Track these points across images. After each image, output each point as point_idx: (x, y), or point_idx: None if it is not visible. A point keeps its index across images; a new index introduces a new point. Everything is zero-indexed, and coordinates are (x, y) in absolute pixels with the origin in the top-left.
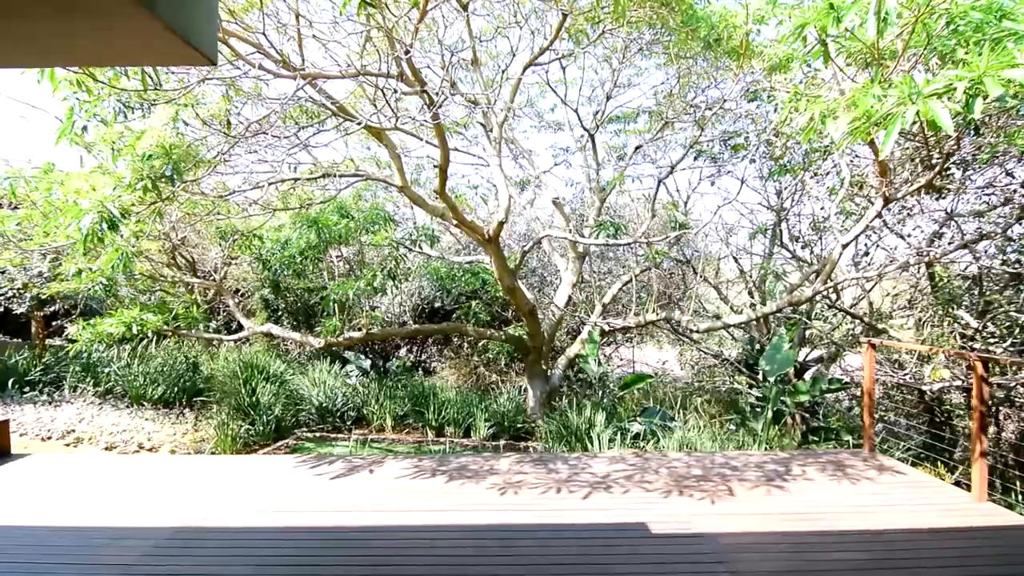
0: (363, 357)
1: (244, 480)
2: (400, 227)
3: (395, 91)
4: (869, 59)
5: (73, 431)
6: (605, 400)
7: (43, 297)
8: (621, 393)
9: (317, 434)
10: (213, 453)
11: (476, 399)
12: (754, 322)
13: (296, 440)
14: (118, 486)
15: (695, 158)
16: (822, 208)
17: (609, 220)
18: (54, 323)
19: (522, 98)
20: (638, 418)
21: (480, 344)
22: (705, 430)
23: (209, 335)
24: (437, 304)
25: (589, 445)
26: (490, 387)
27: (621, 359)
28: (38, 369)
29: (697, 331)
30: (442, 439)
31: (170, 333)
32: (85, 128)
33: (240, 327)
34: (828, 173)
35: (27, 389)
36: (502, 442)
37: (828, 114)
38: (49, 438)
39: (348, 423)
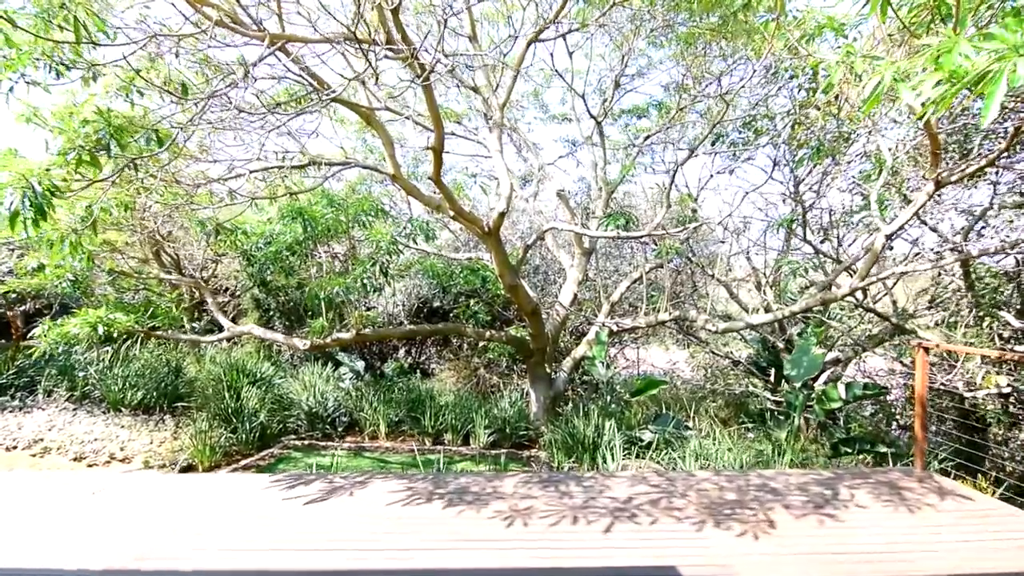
0: (357, 359)
1: (202, 505)
2: (396, 222)
3: (375, 47)
4: (933, 16)
5: (41, 440)
6: (613, 405)
7: (11, 295)
8: (631, 399)
9: (306, 442)
10: (188, 466)
11: (476, 404)
12: (777, 323)
13: (282, 450)
14: (53, 513)
15: (713, 143)
16: (852, 198)
17: (619, 211)
18: (36, 322)
19: (527, 87)
20: (650, 426)
21: (480, 345)
22: (723, 439)
23: (187, 336)
24: (436, 304)
25: (599, 457)
26: (491, 390)
27: (626, 360)
28: (10, 372)
29: (716, 331)
30: (439, 447)
31: (143, 334)
32: (12, 89)
33: (221, 328)
34: (852, 161)
35: None
36: (503, 451)
37: (900, 78)
38: (15, 447)
39: (339, 430)
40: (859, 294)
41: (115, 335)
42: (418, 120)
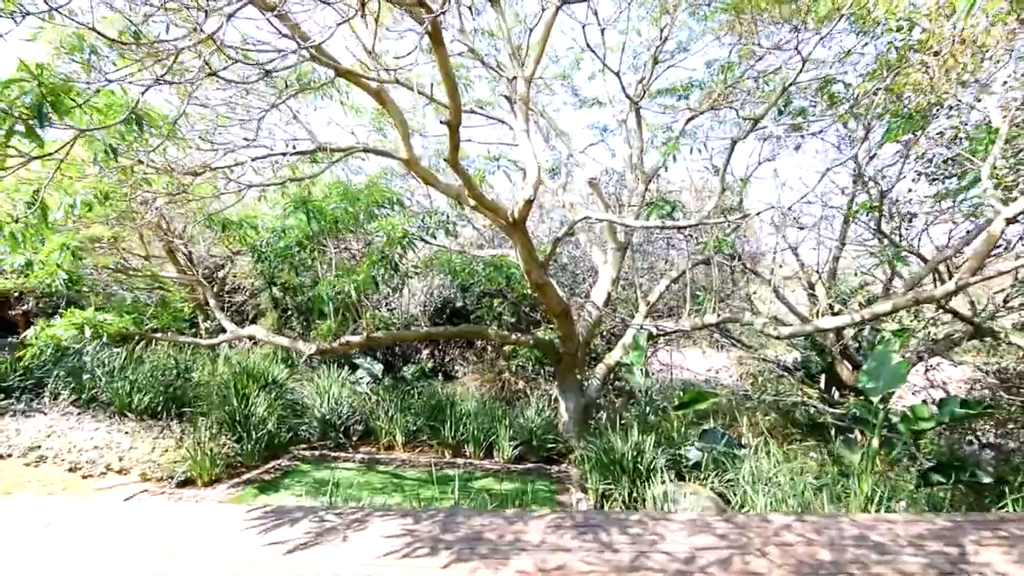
0: (375, 362)
1: (162, 550)
2: (414, 216)
3: None
4: None
5: (39, 447)
6: (651, 417)
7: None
8: (675, 412)
9: (317, 452)
10: (186, 479)
11: (500, 412)
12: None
13: (291, 461)
14: None
15: (781, 111)
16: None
17: (662, 199)
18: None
19: (555, 69)
20: (696, 442)
21: (506, 348)
22: (780, 459)
23: (186, 339)
24: (459, 304)
25: (639, 479)
26: (516, 396)
27: (660, 364)
28: (17, 374)
29: (778, 337)
30: (459, 460)
31: (141, 336)
32: None
33: (222, 329)
34: (944, 133)
35: (1, 396)
36: (530, 465)
37: None
38: (10, 455)
39: (354, 439)
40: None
41: (103, 336)
42: (433, 98)
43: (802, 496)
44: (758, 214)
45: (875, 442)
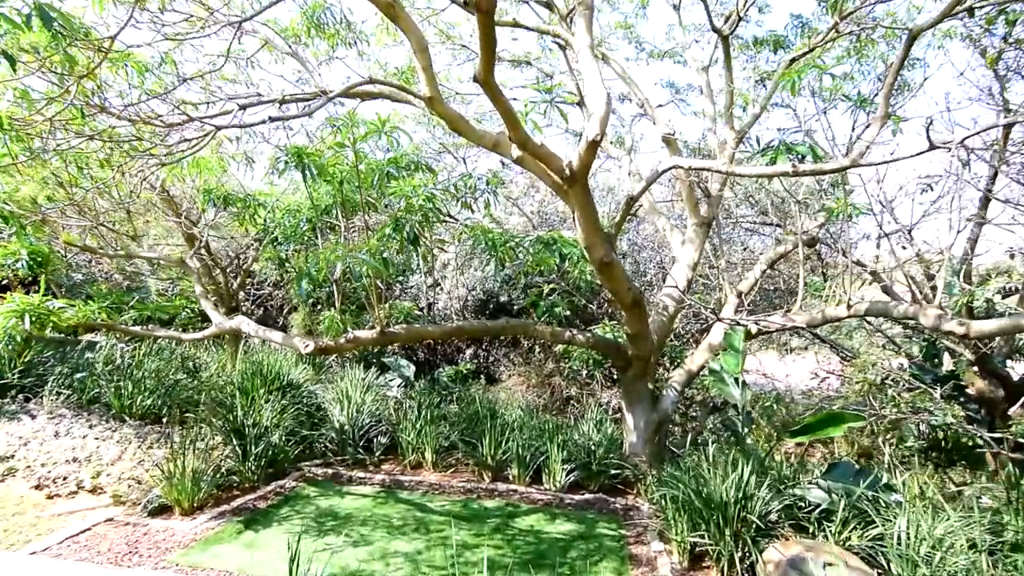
0: (408, 363)
1: None
2: (444, 185)
3: None
4: None
5: (11, 457)
6: (748, 440)
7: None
8: (794, 440)
9: (330, 470)
10: (161, 507)
11: (550, 426)
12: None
13: (297, 481)
14: None
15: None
16: None
17: (785, 145)
18: None
19: (615, 17)
20: (821, 479)
21: (556, 348)
22: (938, 506)
23: (165, 333)
24: (503, 299)
25: (748, 535)
26: (568, 404)
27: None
28: (16, 371)
29: (966, 337)
30: (500, 484)
31: (107, 328)
32: None
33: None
34: None
35: None
36: (588, 495)
37: None
38: None
39: (377, 454)
40: None
41: (47, 328)
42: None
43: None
44: (947, 145)
45: None
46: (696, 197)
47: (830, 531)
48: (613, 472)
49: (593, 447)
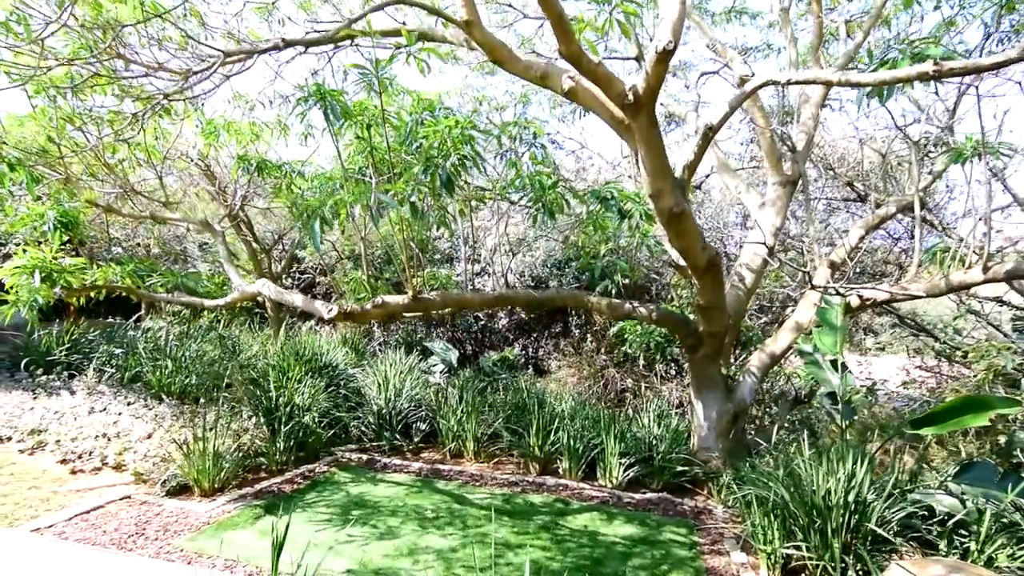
0: (452, 348)
1: None
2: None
3: None
4: None
5: (44, 431)
6: (849, 436)
7: None
8: (916, 431)
9: (365, 456)
10: (180, 486)
11: (606, 417)
12: None
13: (329, 465)
14: None
15: None
16: None
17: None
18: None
19: None
20: (952, 480)
21: (608, 338)
22: None
23: (186, 299)
24: (552, 283)
25: (861, 549)
26: (624, 397)
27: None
28: (63, 347)
29: None
30: (548, 478)
31: (128, 293)
32: None
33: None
34: None
35: (41, 371)
36: (650, 494)
37: None
38: (9, 439)
39: (415, 440)
40: None
41: (57, 287)
42: None
43: None
44: None
45: None
46: (779, 151)
47: (969, 548)
48: (679, 469)
49: (655, 441)
